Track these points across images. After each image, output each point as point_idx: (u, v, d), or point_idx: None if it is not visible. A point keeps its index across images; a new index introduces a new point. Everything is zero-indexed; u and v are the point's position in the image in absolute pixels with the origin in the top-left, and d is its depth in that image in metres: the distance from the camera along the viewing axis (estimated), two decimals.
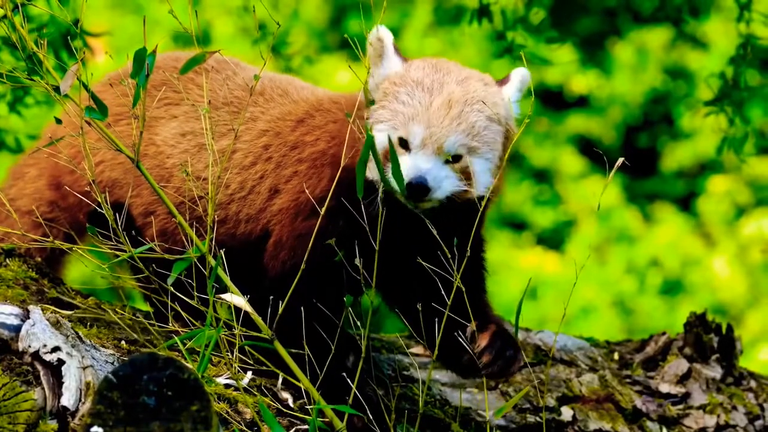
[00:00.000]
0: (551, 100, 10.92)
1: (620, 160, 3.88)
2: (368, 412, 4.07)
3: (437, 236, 3.98)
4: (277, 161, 4.36)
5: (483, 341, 4.17)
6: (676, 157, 11.01)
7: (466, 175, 4.12)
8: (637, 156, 10.93)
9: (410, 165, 4.04)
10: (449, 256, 4.00)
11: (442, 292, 4.04)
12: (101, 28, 5.70)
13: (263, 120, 4.45)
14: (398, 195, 4.07)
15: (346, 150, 4.07)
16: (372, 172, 4.05)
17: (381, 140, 4.06)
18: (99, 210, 3.93)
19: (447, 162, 4.09)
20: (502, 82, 4.26)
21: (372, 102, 4.15)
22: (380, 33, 4.21)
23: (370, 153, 3.94)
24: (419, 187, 4.02)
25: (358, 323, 4.06)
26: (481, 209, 4.09)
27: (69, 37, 5.16)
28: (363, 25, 4.21)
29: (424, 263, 4.07)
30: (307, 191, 4.20)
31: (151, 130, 4.48)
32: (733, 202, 10.81)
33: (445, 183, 4.07)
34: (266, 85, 4.52)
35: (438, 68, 4.18)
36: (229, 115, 4.44)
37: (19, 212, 4.59)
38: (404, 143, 4.09)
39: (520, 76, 4.26)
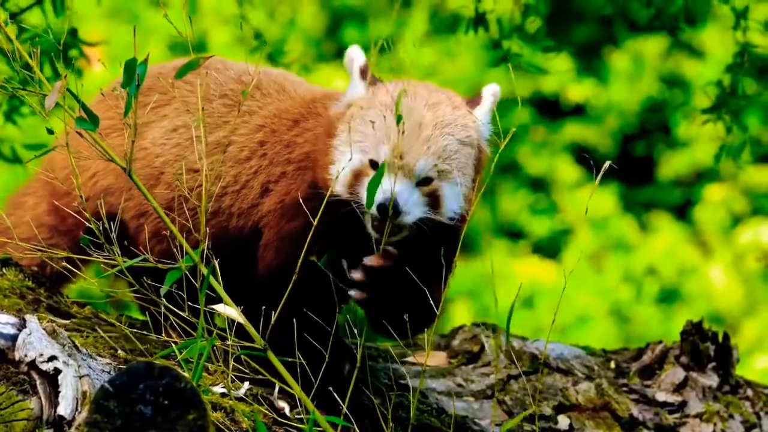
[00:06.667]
0: (547, 109, 10.93)
1: (607, 163, 3.84)
2: (362, 421, 4.07)
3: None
4: (270, 158, 4.34)
5: None
6: (673, 165, 11.02)
7: (435, 199, 4.08)
8: (633, 164, 10.94)
9: (381, 187, 3.98)
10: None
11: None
12: (97, 37, 5.69)
13: (260, 115, 4.42)
14: (366, 220, 4.06)
15: (318, 156, 4.07)
16: (340, 189, 4.06)
17: (350, 162, 4.05)
18: (96, 222, 3.92)
19: (417, 186, 4.05)
20: (473, 101, 4.21)
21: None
22: (349, 54, 4.17)
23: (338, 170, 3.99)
24: (388, 209, 3.96)
25: (354, 331, 4.05)
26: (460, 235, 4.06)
27: (60, 47, 5.15)
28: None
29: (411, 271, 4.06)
30: (290, 193, 4.19)
31: (141, 135, 4.44)
32: (730, 210, 10.81)
33: (414, 209, 4.03)
34: (262, 80, 4.47)
35: (407, 91, 4.09)
36: (224, 107, 4.42)
37: (19, 240, 4.56)
38: (375, 166, 4.04)
39: (492, 94, 4.20)
